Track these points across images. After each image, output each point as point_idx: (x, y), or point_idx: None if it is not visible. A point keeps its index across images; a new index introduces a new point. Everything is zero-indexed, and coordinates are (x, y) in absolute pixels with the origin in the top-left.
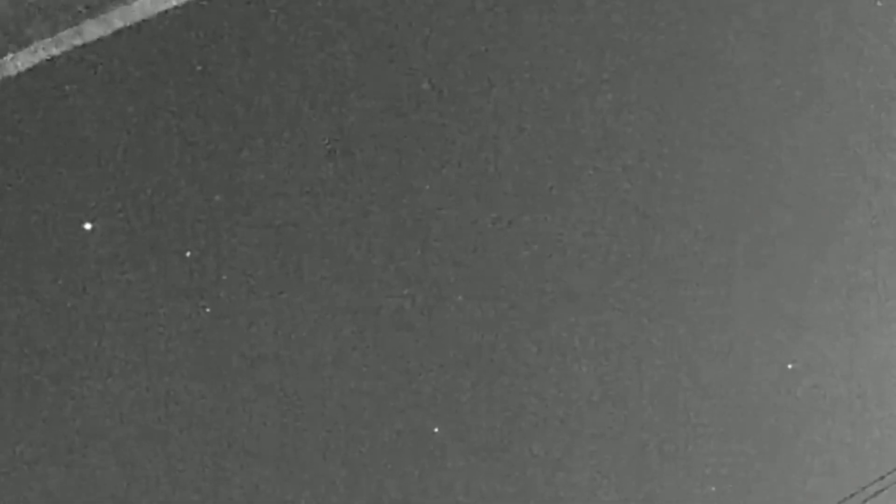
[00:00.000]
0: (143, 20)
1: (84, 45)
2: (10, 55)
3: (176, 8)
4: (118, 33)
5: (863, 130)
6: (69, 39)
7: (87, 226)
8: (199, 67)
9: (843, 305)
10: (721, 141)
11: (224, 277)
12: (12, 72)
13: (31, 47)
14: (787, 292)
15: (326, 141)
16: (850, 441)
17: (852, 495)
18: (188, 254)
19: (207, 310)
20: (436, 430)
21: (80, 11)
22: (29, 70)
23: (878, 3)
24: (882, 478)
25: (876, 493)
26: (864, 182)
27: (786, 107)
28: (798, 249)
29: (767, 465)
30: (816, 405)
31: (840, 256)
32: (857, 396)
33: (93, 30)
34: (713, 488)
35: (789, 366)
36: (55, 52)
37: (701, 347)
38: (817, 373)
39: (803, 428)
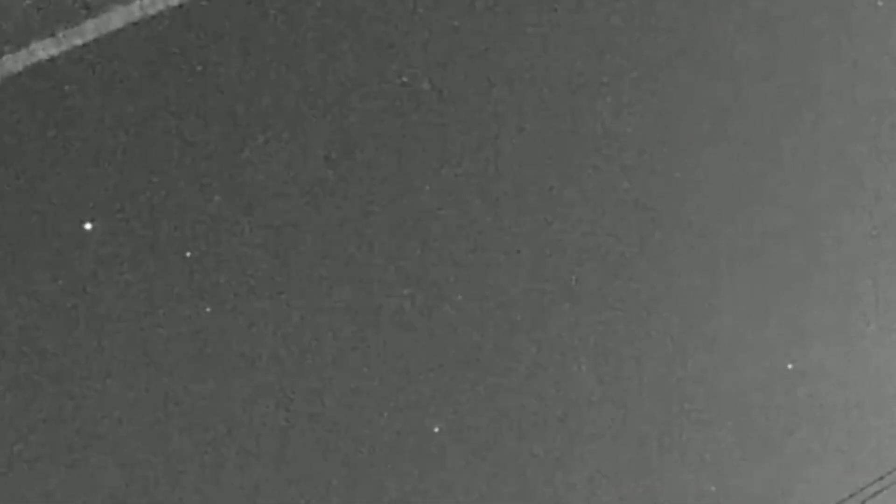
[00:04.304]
0: (143, 20)
1: (84, 45)
2: (10, 55)
3: (176, 8)
4: (118, 33)
5: (863, 137)
6: (69, 39)
7: (88, 226)
8: (199, 67)
9: (842, 311)
10: (721, 143)
11: (224, 277)
12: (12, 72)
13: (31, 47)
14: (787, 295)
15: (326, 150)
16: (848, 442)
17: (851, 495)
18: (188, 254)
19: (207, 310)
20: (436, 430)
21: (80, 11)
22: (29, 70)
23: (879, 3)
24: (881, 478)
25: (875, 494)
26: (864, 190)
27: (787, 108)
28: (798, 253)
29: (767, 465)
30: (815, 406)
31: (840, 263)
32: (855, 399)
33: (93, 30)
34: (713, 487)
35: (789, 366)
36: (55, 52)
37: (701, 348)
38: (816, 375)
39: (802, 428)
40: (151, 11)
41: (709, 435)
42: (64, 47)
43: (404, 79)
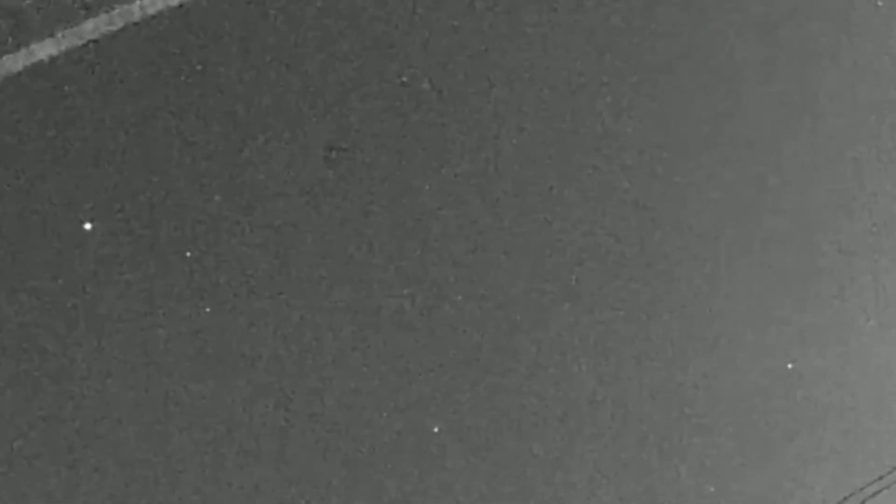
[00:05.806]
0: (143, 20)
1: (84, 45)
2: (11, 55)
3: (176, 8)
4: (118, 33)
5: (863, 137)
6: (69, 39)
7: (87, 226)
8: (199, 67)
9: (842, 310)
10: (721, 143)
11: (224, 277)
12: (12, 72)
13: (31, 47)
14: (788, 295)
15: (328, 147)
16: (848, 441)
17: (851, 495)
18: (188, 254)
19: (207, 310)
20: (436, 430)
21: (79, 11)
22: (29, 70)
23: (879, 3)
24: (881, 478)
25: (874, 494)
26: (864, 190)
27: (786, 109)
28: (798, 252)
29: (767, 465)
30: (814, 406)
31: (839, 263)
32: (854, 399)
33: (93, 30)
34: (712, 488)
35: (789, 366)
36: (55, 52)
37: (701, 347)
38: (815, 375)
39: (801, 428)
40: (151, 11)
41: (708, 435)
42: (64, 47)
43: (404, 79)
